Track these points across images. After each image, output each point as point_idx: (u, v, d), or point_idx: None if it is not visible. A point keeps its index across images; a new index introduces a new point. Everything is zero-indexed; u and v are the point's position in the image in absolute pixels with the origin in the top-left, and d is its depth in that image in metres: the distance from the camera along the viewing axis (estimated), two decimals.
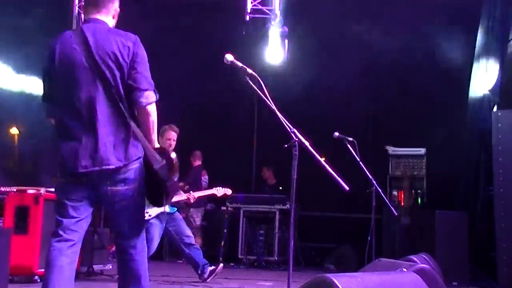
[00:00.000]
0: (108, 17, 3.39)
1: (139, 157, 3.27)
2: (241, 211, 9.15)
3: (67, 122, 3.24)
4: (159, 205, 3.60)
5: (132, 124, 3.23)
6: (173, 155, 3.43)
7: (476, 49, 8.23)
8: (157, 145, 3.33)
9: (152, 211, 6.24)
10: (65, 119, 3.25)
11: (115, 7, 3.44)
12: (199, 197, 6.96)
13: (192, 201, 6.78)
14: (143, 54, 3.29)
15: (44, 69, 3.34)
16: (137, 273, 3.31)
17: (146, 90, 3.22)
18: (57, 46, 3.27)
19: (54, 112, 3.34)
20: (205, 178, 9.09)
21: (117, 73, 3.20)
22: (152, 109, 3.26)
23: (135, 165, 3.25)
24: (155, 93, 3.27)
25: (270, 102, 3.45)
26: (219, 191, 6.92)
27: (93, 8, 3.37)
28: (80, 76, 3.20)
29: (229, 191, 6.97)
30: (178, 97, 9.31)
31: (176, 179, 3.35)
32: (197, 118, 10.40)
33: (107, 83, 3.19)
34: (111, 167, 3.18)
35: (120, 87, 3.22)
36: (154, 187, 3.31)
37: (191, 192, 6.78)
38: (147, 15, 9.08)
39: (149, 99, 3.23)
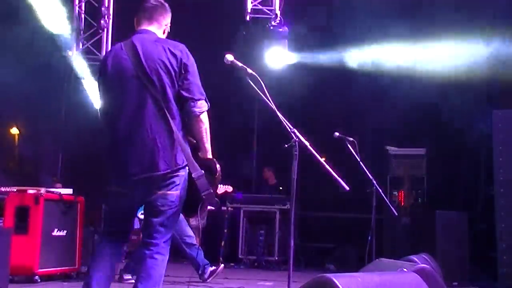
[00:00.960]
0: (159, 30, 3.51)
1: (187, 164, 3.31)
2: (241, 211, 9.14)
3: (117, 130, 3.33)
4: (192, 215, 3.65)
5: (175, 130, 3.27)
6: (218, 167, 3.42)
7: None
8: (209, 155, 3.40)
9: None
10: (116, 126, 3.34)
11: (166, 22, 3.55)
12: None
13: None
14: (192, 62, 3.38)
15: (98, 83, 3.49)
16: (149, 272, 3.32)
17: (199, 100, 3.32)
18: (109, 59, 3.41)
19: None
20: None
21: (166, 80, 3.28)
22: (205, 118, 3.34)
23: (182, 172, 3.31)
24: (206, 102, 3.35)
25: (270, 102, 3.45)
26: (219, 188, 6.92)
27: (145, 20, 3.49)
28: (129, 84, 3.30)
29: (230, 188, 6.97)
30: None
31: (212, 191, 3.32)
32: None
33: (155, 90, 3.26)
34: (159, 173, 3.24)
35: (169, 94, 3.28)
36: (191, 195, 3.38)
37: None
38: None
39: (202, 108, 3.33)
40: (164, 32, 3.56)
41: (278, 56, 9.05)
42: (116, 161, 3.34)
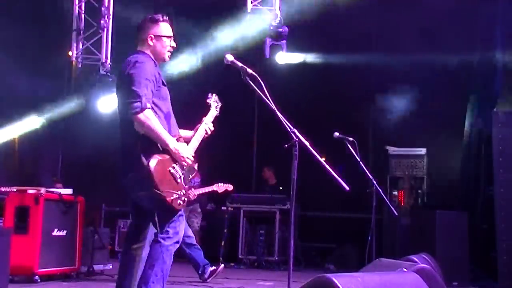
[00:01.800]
0: (144, 45, 3.87)
1: (148, 167, 3.52)
2: (241, 211, 9.13)
3: None
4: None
5: (131, 135, 3.61)
6: (152, 163, 3.53)
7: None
8: (169, 147, 3.60)
9: None
10: None
11: (146, 33, 3.86)
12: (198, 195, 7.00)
13: (192, 198, 6.84)
14: (135, 70, 3.64)
15: None
16: (150, 252, 3.66)
17: (131, 102, 3.57)
18: None
19: None
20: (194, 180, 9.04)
21: (121, 91, 3.72)
22: (142, 118, 3.56)
23: (144, 172, 3.54)
24: (140, 103, 3.56)
25: (270, 102, 3.46)
26: (220, 187, 6.91)
27: (136, 41, 3.93)
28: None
29: (230, 187, 6.95)
30: (177, 97, 9.28)
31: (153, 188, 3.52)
32: (197, 118, 10.37)
33: (120, 101, 3.73)
34: (128, 176, 3.64)
35: (124, 103, 3.67)
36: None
37: (192, 189, 6.79)
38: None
39: (133, 109, 3.56)
40: (151, 40, 3.86)
41: (278, 56, 9.04)
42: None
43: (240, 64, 3.51)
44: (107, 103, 9.26)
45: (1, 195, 6.46)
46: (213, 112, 4.32)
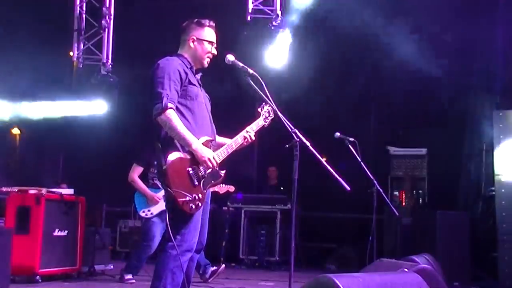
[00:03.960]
0: (184, 47, 3.82)
1: (164, 166, 3.49)
2: (242, 211, 9.14)
3: None
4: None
5: (156, 136, 3.60)
6: (170, 158, 3.49)
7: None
8: (192, 148, 3.51)
9: (153, 209, 6.26)
10: None
11: (186, 36, 3.82)
12: None
13: None
14: (157, 72, 3.60)
15: None
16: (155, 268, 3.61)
17: (154, 104, 3.52)
18: None
19: None
20: None
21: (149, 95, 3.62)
22: (163, 118, 3.50)
23: (162, 168, 3.52)
24: (161, 104, 3.50)
25: (271, 102, 3.46)
26: (221, 188, 6.92)
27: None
28: None
29: (232, 188, 6.96)
30: None
31: (169, 188, 3.46)
32: None
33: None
34: (154, 172, 3.92)
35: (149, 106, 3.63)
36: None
37: None
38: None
39: (155, 111, 3.52)
40: (190, 43, 3.80)
41: (279, 56, 9.04)
42: None
43: (241, 64, 3.51)
44: (107, 104, 9.27)
45: (3, 195, 6.47)
46: (260, 122, 3.98)
